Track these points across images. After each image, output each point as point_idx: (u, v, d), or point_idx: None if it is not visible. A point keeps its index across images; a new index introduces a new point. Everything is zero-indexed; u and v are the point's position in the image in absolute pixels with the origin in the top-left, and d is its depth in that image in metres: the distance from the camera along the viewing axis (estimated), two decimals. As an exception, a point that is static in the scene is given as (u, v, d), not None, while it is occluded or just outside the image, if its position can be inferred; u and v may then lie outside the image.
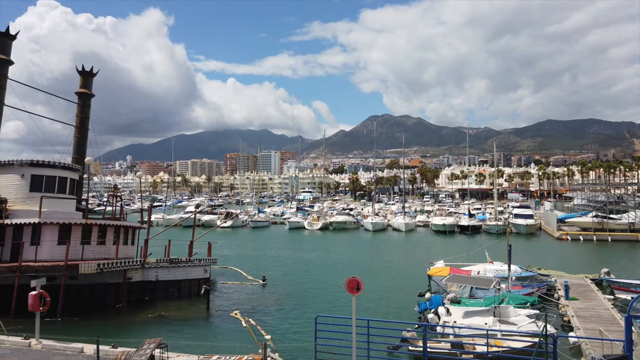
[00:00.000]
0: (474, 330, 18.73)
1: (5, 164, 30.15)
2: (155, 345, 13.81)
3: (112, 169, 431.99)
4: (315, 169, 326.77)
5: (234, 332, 23.25)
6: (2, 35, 30.29)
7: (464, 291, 27.50)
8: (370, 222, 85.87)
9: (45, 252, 27.40)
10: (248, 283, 36.20)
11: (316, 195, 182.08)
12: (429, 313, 22.52)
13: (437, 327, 20.43)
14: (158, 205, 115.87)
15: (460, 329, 19.39)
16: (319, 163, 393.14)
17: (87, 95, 38.19)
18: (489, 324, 19.58)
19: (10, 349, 17.04)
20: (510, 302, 23.20)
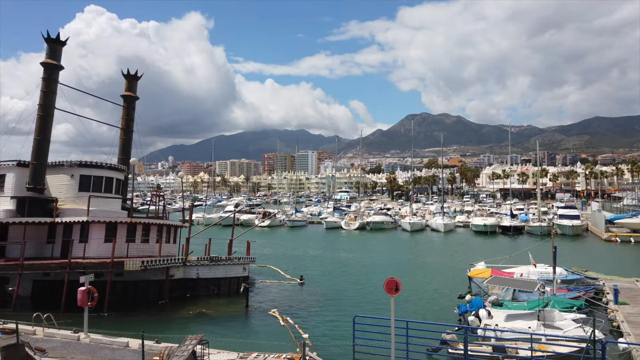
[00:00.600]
0: (518, 334, 18.18)
1: (55, 164, 31.60)
2: (196, 341, 14.13)
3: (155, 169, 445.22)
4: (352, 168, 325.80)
5: (272, 330, 23.48)
6: (53, 41, 31.72)
7: (506, 294, 26.75)
8: (408, 222, 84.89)
9: (92, 250, 28.52)
10: (286, 282, 36.50)
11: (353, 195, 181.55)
12: (469, 315, 22.04)
13: (478, 329, 19.97)
14: (198, 204, 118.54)
15: (502, 332, 18.87)
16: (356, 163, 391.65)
17: (132, 98, 39.49)
18: (532, 327, 18.97)
19: (61, 342, 17.85)
20: (555, 305, 22.40)
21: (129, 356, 16.05)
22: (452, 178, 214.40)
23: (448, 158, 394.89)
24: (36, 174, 30.51)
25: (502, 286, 26.56)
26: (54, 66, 31.80)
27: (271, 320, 25.38)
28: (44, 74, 31.63)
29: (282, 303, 29.39)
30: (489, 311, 21.64)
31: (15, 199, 30.17)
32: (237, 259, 33.46)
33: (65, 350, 16.62)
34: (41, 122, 31.16)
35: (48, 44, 31.68)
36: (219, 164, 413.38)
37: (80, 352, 16.43)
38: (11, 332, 18.28)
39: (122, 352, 16.64)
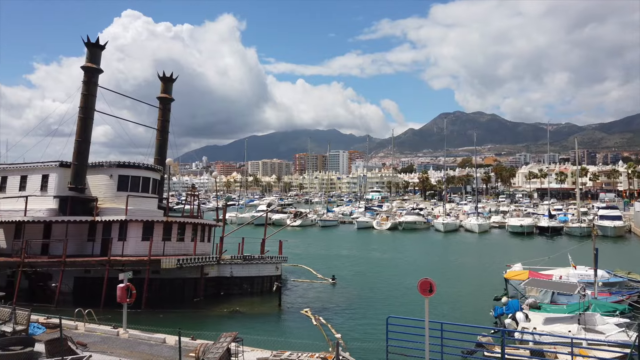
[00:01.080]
0: (557, 337, 17.62)
1: (95, 165, 32.68)
2: (231, 339, 14.32)
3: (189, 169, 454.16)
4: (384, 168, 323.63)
5: (304, 329, 23.56)
6: (93, 45, 32.81)
7: (545, 296, 25.97)
8: (441, 223, 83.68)
9: (130, 248, 29.33)
10: (318, 281, 36.57)
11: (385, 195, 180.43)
12: (505, 318, 21.52)
13: (516, 333, 19.47)
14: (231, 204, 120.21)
15: (541, 335, 18.34)
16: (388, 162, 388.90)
17: (168, 99, 40.40)
18: (573, 332, 18.35)
19: (101, 337, 18.42)
20: (596, 309, 21.60)
21: (165, 352, 16.41)
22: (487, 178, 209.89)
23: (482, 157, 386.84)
24: (77, 174, 31.63)
25: (540, 288, 25.81)
26: (94, 70, 32.87)
27: (303, 320, 25.47)
28: (85, 77, 32.75)
29: (314, 302, 29.46)
30: (527, 314, 21.08)
31: (57, 198, 31.36)
32: (269, 258, 33.76)
33: (105, 345, 17.15)
34: (82, 124, 32.27)
35: (88, 48, 32.78)
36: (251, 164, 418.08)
37: (119, 347, 16.91)
38: (55, 327, 19.00)
39: (159, 347, 17.03)
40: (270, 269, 32.89)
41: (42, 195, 32.04)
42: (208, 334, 17.20)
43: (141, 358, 15.63)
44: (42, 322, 19.79)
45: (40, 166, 33.20)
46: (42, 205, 31.22)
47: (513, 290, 29.36)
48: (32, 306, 20.98)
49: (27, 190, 32.63)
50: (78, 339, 16.94)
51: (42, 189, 32.49)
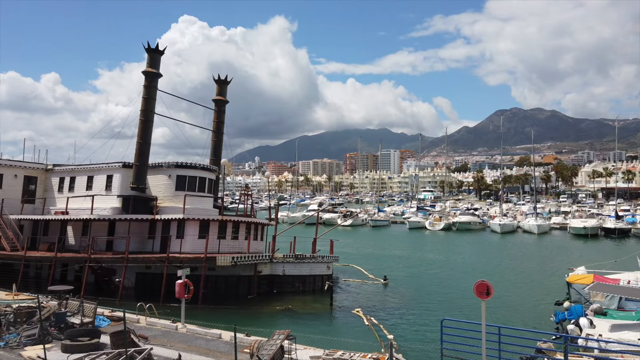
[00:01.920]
0: (626, 346, 16.57)
1: (155, 166, 34.13)
2: (284, 336, 14.50)
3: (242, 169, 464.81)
4: (437, 167, 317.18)
5: (356, 329, 23.48)
6: (153, 51, 34.30)
7: (611, 302, 24.47)
8: (498, 223, 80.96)
9: (188, 245, 30.41)
10: (369, 282, 36.36)
11: (437, 195, 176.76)
12: (568, 324, 20.47)
13: (579, 339, 18.48)
14: (283, 203, 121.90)
15: (607, 343, 17.31)
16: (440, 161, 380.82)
17: (223, 101, 41.56)
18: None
19: (161, 330, 19.21)
20: (670, 317, 20.12)
21: (221, 347, 16.87)
22: (547, 177, 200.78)
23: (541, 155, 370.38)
24: (139, 175, 33.19)
25: (607, 293, 24.35)
26: (154, 74, 34.35)
27: (355, 319, 25.41)
28: (145, 81, 34.30)
29: (365, 302, 29.31)
30: (591, 320, 19.95)
31: (121, 198, 33.04)
32: (321, 257, 33.93)
33: (165, 339, 17.86)
34: (143, 127, 33.81)
35: (148, 53, 34.29)
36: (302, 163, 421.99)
37: (177, 341, 17.56)
38: (118, 320, 20.01)
39: (215, 343, 17.53)
40: (321, 268, 33.05)
41: (106, 194, 33.89)
42: (262, 330, 17.50)
43: (199, 352, 16.14)
44: (107, 315, 20.91)
45: (105, 167, 35.13)
46: (106, 204, 33.01)
47: (576, 295, 27.92)
48: (98, 300, 22.23)
49: (93, 189, 34.62)
50: (140, 332, 17.74)
51: (106, 188, 34.36)
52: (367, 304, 28.96)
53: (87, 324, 18.69)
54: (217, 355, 15.90)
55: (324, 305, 28.75)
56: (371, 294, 32.48)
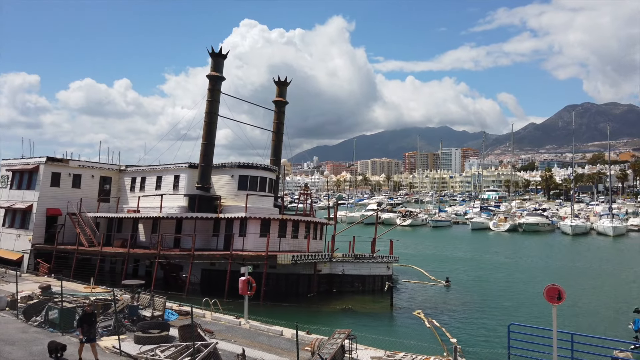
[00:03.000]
0: None
1: (218, 166, 35.31)
2: (345, 335, 14.51)
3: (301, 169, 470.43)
4: (501, 166, 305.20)
5: (416, 331, 23.07)
6: (216, 55, 35.52)
7: (700, 312, 22.47)
8: (569, 225, 76.70)
9: (250, 243, 31.18)
10: (430, 283, 35.62)
11: (502, 195, 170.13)
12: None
13: (663, 351, 17.11)
14: (341, 203, 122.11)
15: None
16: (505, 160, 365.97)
17: (282, 103, 42.26)
18: None
19: (225, 325, 19.83)
20: None
21: (283, 344, 17.16)
22: (623, 175, 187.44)
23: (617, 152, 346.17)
24: (204, 175, 34.47)
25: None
26: (217, 77, 35.55)
27: (416, 321, 24.97)
28: (209, 85, 35.56)
29: (427, 304, 28.73)
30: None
31: (187, 197, 34.46)
32: (380, 257, 33.64)
33: (229, 334, 18.42)
34: (207, 128, 35.09)
35: (212, 58, 35.54)
36: (360, 163, 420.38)
37: (241, 337, 18.05)
38: (186, 314, 20.89)
39: (277, 339, 17.86)
40: (381, 268, 32.76)
41: (174, 193, 35.48)
42: (322, 329, 17.62)
43: (261, 348, 16.50)
44: (175, 309, 21.88)
45: (172, 167, 36.80)
46: (174, 203, 34.56)
47: (659, 303, 25.89)
48: (167, 294, 23.30)
49: (162, 189, 36.38)
50: (206, 327, 18.42)
51: (174, 188, 35.98)
52: (428, 305, 28.39)
53: (157, 317, 19.66)
54: (279, 352, 16.18)
55: (383, 305, 28.48)
56: (432, 296, 31.79)
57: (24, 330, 18.36)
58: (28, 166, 38.11)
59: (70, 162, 38.84)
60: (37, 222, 36.49)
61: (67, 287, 22.78)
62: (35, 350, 15.68)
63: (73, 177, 38.64)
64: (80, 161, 39.78)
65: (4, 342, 16.61)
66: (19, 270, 30.35)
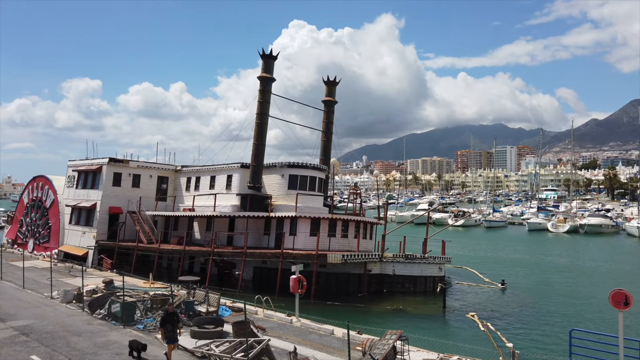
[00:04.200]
0: None
1: (269, 166, 35.87)
2: (396, 336, 14.34)
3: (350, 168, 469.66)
4: (560, 164, 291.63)
5: (470, 334, 22.44)
6: (267, 57, 36.11)
7: None
8: (635, 226, 72.18)
9: (300, 242, 31.46)
10: (485, 285, 34.56)
11: (561, 194, 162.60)
12: None
13: None
14: (391, 202, 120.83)
15: None
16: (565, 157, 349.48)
17: (332, 102, 42.35)
18: None
19: (277, 323, 20.11)
20: None
21: (334, 343, 17.18)
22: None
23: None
24: (255, 174, 35.14)
25: None
26: (268, 79, 36.12)
27: (469, 324, 24.28)
28: (260, 86, 36.19)
29: (481, 307, 27.90)
30: None
31: (239, 196, 35.25)
32: (432, 258, 33.01)
33: (280, 331, 18.67)
34: (258, 129, 35.73)
35: (263, 59, 36.14)
36: (410, 162, 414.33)
37: (292, 334, 18.25)
38: (239, 311, 21.36)
39: (328, 338, 17.91)
40: (433, 269, 32.14)
41: (227, 193, 36.40)
42: (373, 329, 17.51)
43: (312, 347, 16.61)
44: (228, 306, 22.43)
45: (225, 167, 37.77)
46: (227, 202, 35.45)
47: None
48: (220, 290, 23.92)
49: (215, 188, 37.43)
50: (258, 324, 18.76)
51: (227, 187, 36.92)
52: (482, 308, 27.56)
53: (212, 312, 20.24)
54: (330, 350, 16.22)
55: (436, 307, 27.93)
56: (487, 298, 30.83)
57: (89, 322, 19.42)
58: (92, 167, 40.28)
59: (130, 162, 40.69)
60: (100, 220, 38.51)
61: (128, 282, 23.87)
62: (100, 342, 16.54)
63: (133, 177, 40.48)
64: (139, 162, 41.59)
65: (71, 333, 17.64)
66: (84, 265, 32.14)
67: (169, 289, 22.11)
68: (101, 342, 16.55)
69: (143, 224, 37.48)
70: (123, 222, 38.42)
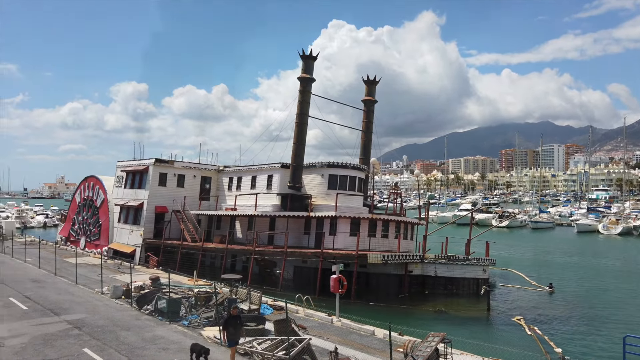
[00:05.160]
0: None
1: (309, 166, 36.04)
2: (439, 339, 14.08)
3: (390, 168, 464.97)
4: (612, 163, 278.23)
5: (516, 338, 21.75)
6: (307, 58, 36.30)
7: None
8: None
9: (340, 242, 31.43)
10: (531, 288, 33.44)
11: (613, 194, 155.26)
12: None
13: None
14: (433, 202, 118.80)
15: None
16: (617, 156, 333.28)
17: (371, 102, 42.10)
18: None
19: (318, 322, 20.17)
20: None
21: (375, 344, 17.06)
22: None
23: None
24: (295, 174, 35.40)
25: None
26: (308, 79, 36.30)
27: (515, 328, 23.56)
28: (300, 86, 36.42)
29: (527, 311, 27.02)
30: None
31: (280, 196, 35.61)
32: (476, 259, 32.22)
33: (321, 330, 18.71)
34: (298, 129, 35.97)
35: (303, 60, 36.36)
36: (452, 161, 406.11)
37: (333, 334, 18.25)
38: (280, 309, 21.57)
39: (369, 339, 17.80)
40: (476, 271, 31.35)
41: (268, 192, 36.85)
42: (415, 331, 17.25)
43: (353, 347, 16.55)
44: (269, 304, 22.69)
45: (266, 167, 38.24)
46: (268, 201, 35.88)
47: None
48: (262, 289, 24.23)
49: (256, 188, 37.96)
50: (299, 322, 18.86)
51: (267, 187, 37.38)
52: (529, 312, 26.69)
53: (254, 310, 20.55)
54: (371, 351, 16.11)
55: (480, 310, 27.26)
56: (534, 302, 29.83)
57: (137, 317, 20.12)
58: (139, 167, 41.72)
59: (175, 163, 41.88)
60: (147, 219, 39.84)
61: (173, 279, 24.55)
62: (147, 337, 17.10)
63: (177, 177, 41.66)
64: (183, 162, 42.74)
65: (120, 327, 18.33)
66: (132, 262, 33.35)
67: (213, 287, 22.58)
68: (148, 337, 17.11)
69: (187, 222, 38.48)
70: (168, 220, 39.59)
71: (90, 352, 15.26)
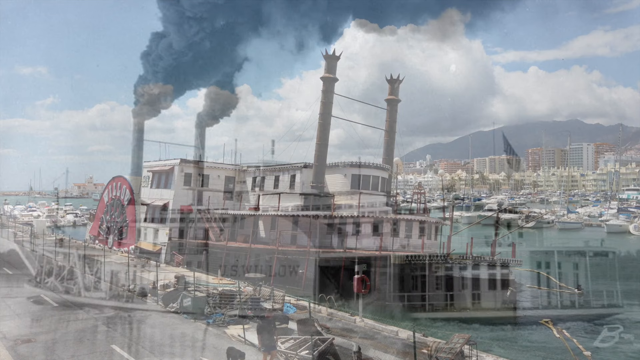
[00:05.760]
0: None
1: (331, 165, 36.04)
2: (464, 341, 13.92)
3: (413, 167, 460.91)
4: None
5: (543, 341, 21.35)
6: (330, 57, 36.30)
7: None
8: None
9: (363, 242, 31.31)
10: (559, 290, 32.68)
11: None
12: None
13: None
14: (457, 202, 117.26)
15: None
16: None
17: (395, 101, 41.81)
18: None
19: (341, 322, 20.17)
20: None
21: (399, 345, 16.95)
22: None
23: None
24: (318, 174, 35.43)
25: None
26: (331, 79, 36.30)
27: (542, 330, 23.03)
28: (323, 86, 36.42)
29: (555, 313, 26.46)
30: None
31: (302, 195, 35.70)
32: (501, 260, 31.65)
33: (344, 330, 18.70)
34: (321, 129, 35.99)
35: (326, 60, 36.38)
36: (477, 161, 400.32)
37: (356, 334, 18.22)
38: (303, 309, 21.64)
39: (392, 339, 17.70)
40: (502, 271, 30.80)
41: (290, 192, 36.98)
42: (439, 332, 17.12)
43: (376, 347, 16.49)
44: (293, 303, 22.79)
45: (288, 167, 38.41)
46: (290, 201, 36.03)
47: None
48: (285, 288, 24.36)
49: (279, 188, 38.15)
50: (322, 322, 18.90)
51: (290, 187, 37.51)
52: (556, 314, 26.11)
53: (277, 309, 20.67)
54: (395, 352, 16.02)
55: (505, 312, 26.79)
56: (562, 304, 29.19)
57: (163, 315, 20.49)
58: (165, 167, 42.43)
59: (200, 163, 42.44)
60: (172, 218, 40.48)
61: (198, 278, 24.91)
62: (173, 334, 17.40)
63: (202, 177, 42.22)
64: (207, 162, 43.27)
65: (146, 325, 18.69)
66: (157, 261, 33.96)
67: (237, 286, 22.82)
68: (174, 334, 17.40)
69: (212, 222, 38.95)
70: (193, 220, 40.13)
71: (118, 348, 15.60)
